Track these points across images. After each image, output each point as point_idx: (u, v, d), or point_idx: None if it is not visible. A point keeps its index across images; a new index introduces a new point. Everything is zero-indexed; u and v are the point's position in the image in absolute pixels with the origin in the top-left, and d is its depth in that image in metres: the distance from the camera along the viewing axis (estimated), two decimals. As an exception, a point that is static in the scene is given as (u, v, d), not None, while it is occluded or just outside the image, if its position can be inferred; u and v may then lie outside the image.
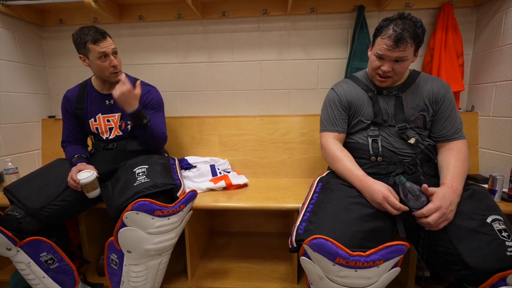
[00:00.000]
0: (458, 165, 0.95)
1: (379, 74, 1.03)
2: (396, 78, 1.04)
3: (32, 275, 1.12)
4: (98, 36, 1.18)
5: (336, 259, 0.73)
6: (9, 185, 1.18)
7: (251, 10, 1.63)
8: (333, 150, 1.08)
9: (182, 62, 1.76)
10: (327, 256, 0.74)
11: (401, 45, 0.94)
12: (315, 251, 0.76)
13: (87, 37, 1.17)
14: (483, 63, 1.50)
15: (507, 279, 0.70)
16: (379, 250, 0.72)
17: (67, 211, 1.18)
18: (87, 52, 1.20)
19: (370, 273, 0.74)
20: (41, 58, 1.79)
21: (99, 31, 1.20)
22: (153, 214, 1.00)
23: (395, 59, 0.98)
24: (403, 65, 0.99)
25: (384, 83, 1.05)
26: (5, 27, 1.55)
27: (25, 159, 1.67)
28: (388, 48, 0.96)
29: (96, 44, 1.18)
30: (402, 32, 0.93)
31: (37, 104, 1.76)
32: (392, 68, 1.00)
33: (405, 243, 0.72)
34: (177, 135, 1.75)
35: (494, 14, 1.43)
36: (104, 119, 1.32)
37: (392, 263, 0.75)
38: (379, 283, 0.77)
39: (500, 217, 0.84)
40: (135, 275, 1.10)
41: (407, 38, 0.93)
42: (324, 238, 0.74)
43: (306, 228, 0.87)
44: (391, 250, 0.72)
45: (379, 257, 0.72)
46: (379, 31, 1.00)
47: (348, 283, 0.76)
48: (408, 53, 0.97)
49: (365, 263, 0.72)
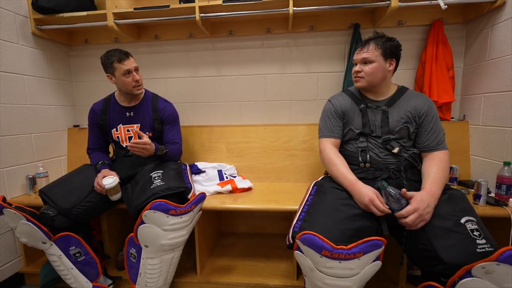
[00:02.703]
0: (439, 172, 1.07)
1: (354, 75, 1.23)
2: (369, 79, 1.18)
3: (62, 266, 1.28)
4: (123, 56, 1.37)
5: (322, 252, 0.85)
6: (44, 187, 1.35)
7: (256, 29, 1.79)
8: (330, 155, 1.21)
9: (193, 76, 1.93)
10: (314, 249, 0.86)
11: (365, 47, 1.16)
12: (305, 244, 0.88)
13: (113, 57, 1.36)
14: (473, 76, 1.60)
15: (472, 271, 0.80)
16: (359, 244, 0.84)
17: (93, 211, 1.34)
18: (114, 71, 1.37)
19: (353, 265, 0.86)
20: (68, 73, 2.00)
21: (123, 52, 1.38)
22: (168, 213, 1.14)
23: (362, 61, 1.17)
24: (371, 67, 1.16)
25: (357, 82, 1.22)
26: (39, 48, 1.76)
27: (53, 164, 1.86)
28: (357, 51, 1.20)
29: (121, 63, 1.36)
30: (369, 39, 1.17)
31: (64, 115, 1.96)
32: (361, 69, 1.17)
33: (381, 238, 0.84)
34: (188, 143, 1.91)
35: (481, 30, 1.53)
36: (124, 129, 1.49)
37: (373, 256, 0.86)
38: (361, 274, 0.88)
39: (473, 218, 0.95)
40: (151, 267, 1.24)
41: (370, 42, 1.16)
42: (312, 234, 0.86)
43: (301, 226, 0.99)
44: (369, 244, 0.84)
45: (359, 250, 0.84)
46: None
47: (334, 273, 0.88)
48: (373, 55, 1.14)
49: (347, 255, 0.84)
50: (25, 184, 1.64)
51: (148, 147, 1.29)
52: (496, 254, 0.76)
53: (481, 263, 0.77)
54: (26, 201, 1.53)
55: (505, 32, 1.37)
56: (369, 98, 1.24)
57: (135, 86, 1.41)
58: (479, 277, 0.80)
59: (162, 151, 1.38)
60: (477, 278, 0.80)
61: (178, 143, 1.51)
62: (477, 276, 0.80)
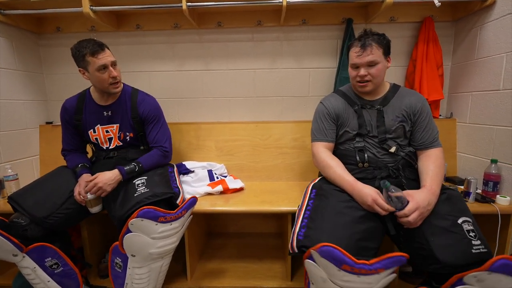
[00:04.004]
0: (436, 170, 1.07)
1: (358, 80, 1.14)
2: (376, 81, 1.13)
3: (37, 279, 1.16)
4: (97, 48, 1.19)
5: (342, 266, 0.80)
6: (14, 193, 1.21)
7: (246, 21, 1.71)
8: (324, 158, 1.17)
9: (179, 70, 1.82)
10: (334, 262, 0.81)
11: (368, 48, 1.08)
12: (323, 257, 0.82)
13: (85, 50, 1.18)
14: (461, 74, 1.62)
15: (464, 279, 0.81)
16: (382, 259, 0.79)
17: (71, 219, 1.22)
18: (87, 65, 1.21)
19: (372, 279, 0.82)
20: (38, 65, 1.81)
21: (97, 43, 1.21)
22: (157, 221, 1.06)
23: (367, 63, 1.10)
24: (378, 68, 1.11)
25: (365, 87, 1.14)
26: (3, 36, 1.57)
27: (24, 165, 1.69)
28: (358, 54, 1.10)
29: (95, 57, 1.19)
30: (366, 39, 1.09)
31: (35, 111, 1.78)
32: (368, 73, 1.11)
33: (405, 255, 0.80)
34: (175, 141, 1.79)
35: (470, 29, 1.55)
36: (103, 130, 1.35)
37: (391, 270, 0.83)
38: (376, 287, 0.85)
39: (470, 219, 0.95)
40: (138, 277, 1.16)
41: (371, 42, 1.09)
42: (332, 246, 0.80)
43: (306, 234, 0.95)
44: (393, 260, 0.79)
45: (381, 266, 0.79)
46: (349, 48, 1.17)
47: (350, 286, 0.83)
48: (377, 56, 1.09)
49: (368, 270, 0.79)
50: (-9, 188, 1.48)
51: (101, 185, 1.15)
52: (488, 264, 0.76)
53: (473, 273, 0.78)
54: (-7, 208, 1.38)
55: (494, 31, 1.39)
56: (363, 98, 1.21)
57: (112, 84, 1.25)
58: (471, 285, 0.80)
59: (132, 171, 1.22)
60: (469, 285, 0.81)
61: (162, 145, 1.36)
62: (469, 283, 0.81)
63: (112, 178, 1.19)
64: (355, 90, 1.23)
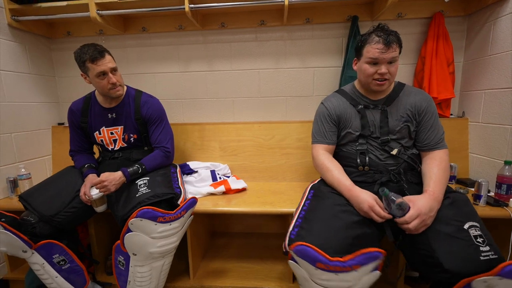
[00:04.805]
0: (440, 173, 1.02)
1: (377, 78, 1.06)
2: (392, 80, 1.09)
3: (46, 275, 1.21)
4: (96, 55, 1.19)
5: (316, 264, 0.80)
6: (24, 193, 1.27)
7: (249, 21, 1.70)
8: (323, 161, 1.15)
9: (183, 71, 1.84)
10: (308, 260, 0.81)
11: (392, 46, 1.01)
12: (299, 256, 0.83)
13: (85, 55, 1.20)
14: (474, 71, 1.55)
15: (472, 284, 0.77)
16: (356, 256, 0.79)
17: (78, 217, 1.26)
18: (87, 70, 1.23)
19: (350, 277, 0.81)
20: (50, 68, 1.88)
21: (97, 49, 1.21)
22: (156, 221, 1.08)
23: (389, 60, 1.03)
24: (396, 66, 1.06)
25: (383, 86, 1.07)
26: (16, 41, 1.64)
27: (37, 165, 1.77)
28: (381, 51, 1.01)
29: (94, 63, 1.20)
30: (389, 35, 1.01)
31: (47, 112, 1.86)
32: (388, 70, 1.04)
33: (380, 250, 0.79)
34: (180, 142, 1.83)
35: (483, 24, 1.47)
36: (108, 131, 1.38)
37: (370, 268, 0.81)
38: (359, 285, 0.83)
39: (477, 223, 0.90)
40: (140, 275, 1.18)
41: (394, 40, 1.02)
42: (305, 245, 0.81)
43: (298, 233, 0.94)
44: (367, 256, 0.79)
45: (356, 263, 0.79)
46: (363, 42, 1.07)
47: (331, 285, 0.83)
48: (397, 53, 1.03)
49: (343, 267, 0.79)
50: (6, 187, 1.55)
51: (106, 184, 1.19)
52: (499, 268, 0.72)
53: (482, 277, 0.74)
54: (7, 205, 1.45)
55: (509, 25, 1.31)
56: (366, 97, 1.17)
57: (112, 89, 1.27)
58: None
59: (136, 173, 1.25)
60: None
61: (164, 145, 1.38)
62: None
63: (117, 179, 1.22)
64: (368, 88, 1.13)
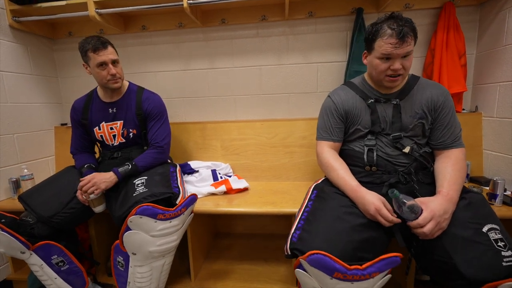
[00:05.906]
0: (455, 173, 0.94)
1: (390, 74, 0.98)
2: (406, 75, 1.02)
3: (45, 276, 1.20)
4: (99, 45, 1.22)
5: (334, 274, 0.74)
6: (23, 193, 1.26)
7: (250, 17, 1.66)
8: (328, 159, 1.08)
9: (185, 69, 1.81)
10: (325, 271, 0.75)
11: (407, 39, 0.91)
12: (313, 266, 0.76)
13: (88, 45, 1.23)
14: (487, 63, 1.46)
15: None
16: (375, 262, 0.73)
17: (77, 218, 1.25)
18: (88, 60, 1.25)
19: (366, 284, 0.75)
20: (52, 69, 1.88)
21: (100, 40, 1.24)
22: (156, 218, 1.05)
23: (403, 55, 0.94)
24: (410, 60, 0.98)
25: (396, 82, 1.00)
26: (18, 42, 1.64)
27: (40, 165, 1.77)
28: (395, 46, 0.92)
29: (96, 53, 1.23)
30: (403, 28, 0.91)
31: (50, 113, 1.86)
32: (402, 65, 0.96)
33: (399, 255, 0.73)
34: (181, 141, 1.80)
35: (497, 13, 1.39)
36: (107, 127, 1.37)
37: (386, 272, 0.76)
38: None
39: (497, 226, 0.83)
40: (140, 275, 1.15)
41: (409, 32, 0.92)
42: (322, 254, 0.74)
43: (300, 236, 0.89)
44: (387, 262, 0.73)
45: (375, 270, 0.73)
46: (374, 35, 0.98)
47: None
48: (412, 46, 0.94)
49: (361, 276, 0.73)
50: (9, 187, 1.55)
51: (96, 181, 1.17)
52: None
53: (508, 282, 0.67)
54: (9, 206, 1.45)
55: (526, 13, 1.23)
56: (377, 91, 1.08)
57: (110, 80, 1.28)
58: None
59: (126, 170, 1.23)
60: None
61: (158, 142, 1.35)
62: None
63: (107, 177, 1.20)
64: (380, 83, 1.05)
